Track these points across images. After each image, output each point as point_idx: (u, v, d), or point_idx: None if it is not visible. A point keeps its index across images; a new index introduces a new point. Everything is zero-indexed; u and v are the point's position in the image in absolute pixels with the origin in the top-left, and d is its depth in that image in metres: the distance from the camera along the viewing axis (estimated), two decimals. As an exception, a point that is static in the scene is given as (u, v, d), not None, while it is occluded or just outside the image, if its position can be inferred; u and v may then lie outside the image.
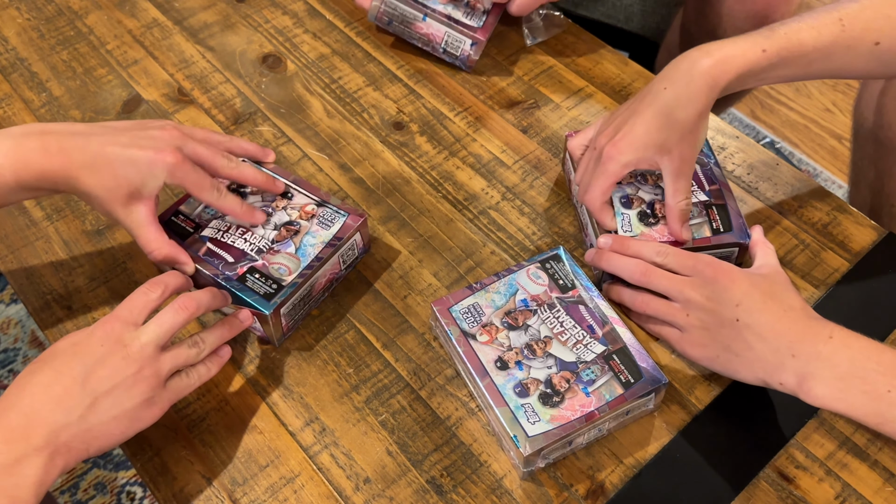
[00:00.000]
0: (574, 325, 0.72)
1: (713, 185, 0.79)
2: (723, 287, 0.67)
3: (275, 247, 0.71)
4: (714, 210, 0.77)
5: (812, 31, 0.71)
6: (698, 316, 0.68)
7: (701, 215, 0.77)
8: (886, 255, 0.81)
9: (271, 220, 0.71)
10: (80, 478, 1.33)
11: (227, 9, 1.05)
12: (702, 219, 0.77)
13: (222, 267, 0.72)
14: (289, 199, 0.73)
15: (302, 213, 0.70)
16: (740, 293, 0.67)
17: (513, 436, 0.65)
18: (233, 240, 0.72)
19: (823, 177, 1.73)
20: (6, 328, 1.51)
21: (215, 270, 0.72)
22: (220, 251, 0.73)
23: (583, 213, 0.81)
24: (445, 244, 0.83)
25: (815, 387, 0.63)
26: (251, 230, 0.72)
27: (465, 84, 0.97)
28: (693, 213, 0.76)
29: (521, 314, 0.73)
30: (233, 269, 0.72)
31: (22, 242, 0.83)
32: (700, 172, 0.80)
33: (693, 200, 0.76)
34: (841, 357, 0.62)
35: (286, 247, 0.70)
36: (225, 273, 0.72)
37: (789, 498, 0.67)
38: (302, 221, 0.70)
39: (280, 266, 0.69)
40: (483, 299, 0.74)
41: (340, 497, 0.67)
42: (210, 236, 0.73)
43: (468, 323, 0.72)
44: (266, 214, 0.74)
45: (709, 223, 0.76)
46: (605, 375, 0.69)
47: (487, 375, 0.69)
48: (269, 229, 0.71)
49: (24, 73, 0.98)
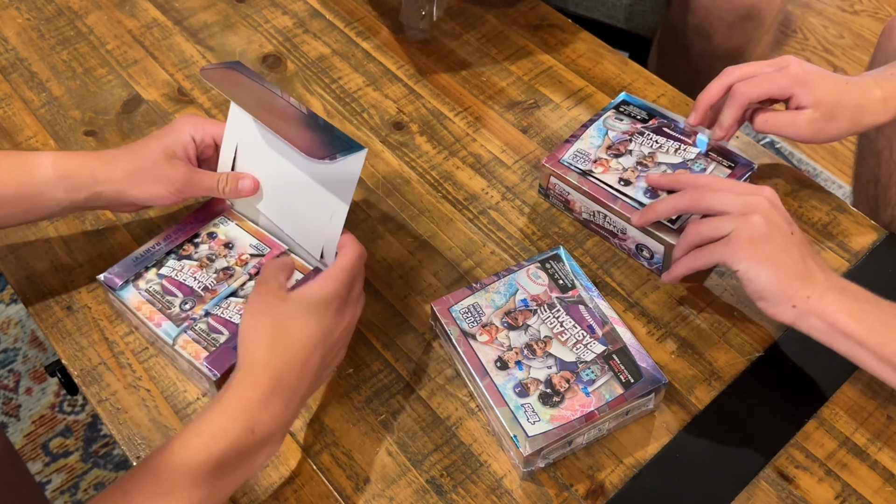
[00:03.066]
0: (574, 324, 0.72)
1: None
2: (779, 204, 0.71)
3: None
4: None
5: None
6: (757, 218, 0.69)
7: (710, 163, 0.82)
8: (886, 255, 0.81)
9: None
10: (80, 478, 1.33)
11: (227, 9, 1.05)
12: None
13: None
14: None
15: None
16: (790, 220, 0.71)
17: (513, 436, 0.65)
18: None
19: (823, 177, 1.73)
20: (6, 328, 1.51)
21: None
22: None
23: (610, 223, 0.81)
24: (445, 244, 0.83)
25: (835, 302, 0.67)
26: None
27: (465, 84, 0.97)
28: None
29: (521, 314, 0.73)
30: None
31: (22, 243, 0.83)
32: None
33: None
34: (861, 292, 0.68)
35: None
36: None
37: (789, 498, 0.67)
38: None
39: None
40: (483, 299, 0.74)
41: (340, 497, 0.67)
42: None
43: (468, 323, 0.72)
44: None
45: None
46: (604, 375, 0.69)
47: (487, 375, 0.69)
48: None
49: (24, 73, 0.98)
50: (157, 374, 0.74)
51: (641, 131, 0.84)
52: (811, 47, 1.91)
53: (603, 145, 0.83)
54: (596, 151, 0.82)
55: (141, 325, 0.74)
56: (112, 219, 0.84)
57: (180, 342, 0.71)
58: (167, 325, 0.72)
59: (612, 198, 0.78)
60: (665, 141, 0.82)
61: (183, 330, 0.71)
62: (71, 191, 0.72)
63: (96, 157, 0.73)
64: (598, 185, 0.79)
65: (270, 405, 0.59)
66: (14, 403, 1.42)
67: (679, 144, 0.82)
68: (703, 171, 0.80)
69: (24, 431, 1.38)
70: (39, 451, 1.36)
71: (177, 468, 0.56)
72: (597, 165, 0.81)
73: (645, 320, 0.77)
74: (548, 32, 1.02)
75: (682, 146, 0.82)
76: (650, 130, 0.84)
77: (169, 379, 0.74)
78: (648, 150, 0.82)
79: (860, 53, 1.88)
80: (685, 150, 0.81)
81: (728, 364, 0.74)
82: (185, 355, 0.70)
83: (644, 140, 0.83)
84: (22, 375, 1.45)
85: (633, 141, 0.83)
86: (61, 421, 1.40)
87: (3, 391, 1.43)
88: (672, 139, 0.82)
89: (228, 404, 0.59)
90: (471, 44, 1.01)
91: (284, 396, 0.60)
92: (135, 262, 0.75)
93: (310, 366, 0.62)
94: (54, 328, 0.77)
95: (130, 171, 0.72)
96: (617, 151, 0.82)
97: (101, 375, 0.74)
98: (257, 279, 0.66)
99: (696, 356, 0.75)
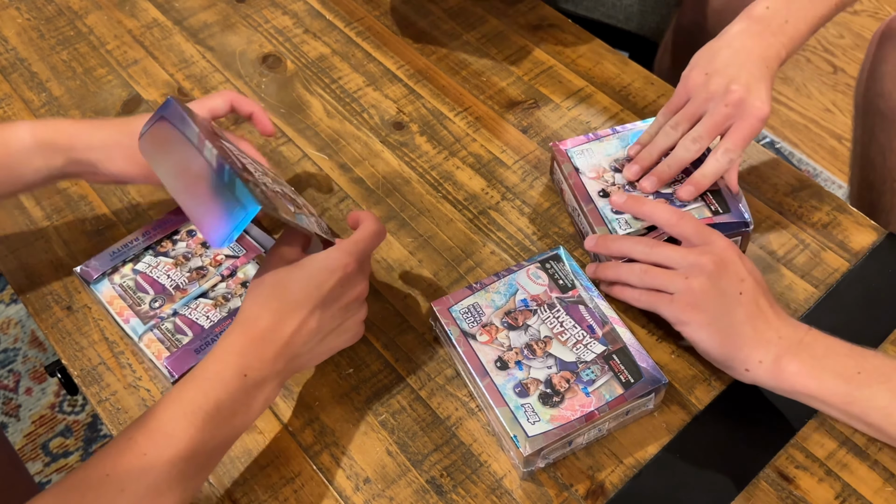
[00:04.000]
0: (574, 325, 0.72)
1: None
2: (732, 260, 0.68)
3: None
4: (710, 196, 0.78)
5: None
6: (701, 281, 0.68)
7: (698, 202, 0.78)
8: (886, 255, 0.81)
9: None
10: (80, 478, 1.33)
11: (227, 9, 1.05)
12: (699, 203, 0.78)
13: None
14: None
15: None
16: (745, 271, 0.68)
17: (513, 436, 0.65)
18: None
19: (823, 177, 1.73)
20: (6, 328, 1.51)
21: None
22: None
23: (581, 222, 0.81)
24: (445, 244, 0.83)
25: (790, 364, 0.65)
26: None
27: (465, 84, 0.97)
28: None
29: (520, 314, 0.73)
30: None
31: (22, 242, 0.83)
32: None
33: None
34: (818, 345, 0.66)
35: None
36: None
37: (789, 498, 0.67)
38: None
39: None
40: (483, 299, 0.74)
41: (340, 497, 0.67)
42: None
43: (468, 323, 0.72)
44: None
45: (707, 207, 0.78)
46: (604, 375, 0.69)
47: (487, 375, 0.69)
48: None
49: (24, 73, 0.98)
50: (157, 374, 0.74)
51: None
52: (811, 47, 1.91)
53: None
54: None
55: (111, 320, 0.75)
56: (112, 218, 0.85)
57: (145, 340, 0.72)
58: (135, 322, 0.72)
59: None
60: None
61: (149, 328, 0.72)
62: (49, 157, 0.72)
63: (76, 123, 0.74)
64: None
65: (260, 350, 0.61)
66: (14, 403, 1.42)
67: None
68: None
69: (24, 431, 1.38)
70: (39, 451, 1.36)
71: (176, 412, 0.58)
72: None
73: (645, 320, 0.77)
74: (548, 32, 1.02)
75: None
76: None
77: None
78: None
79: (860, 53, 1.88)
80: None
81: (728, 364, 0.74)
82: (147, 353, 0.71)
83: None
84: (22, 375, 1.45)
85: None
86: (61, 421, 1.40)
87: (3, 391, 1.43)
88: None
89: (220, 350, 0.61)
90: (471, 44, 1.01)
91: (275, 346, 0.62)
92: (111, 256, 0.76)
93: (307, 327, 0.63)
94: (54, 328, 0.77)
95: (107, 143, 0.73)
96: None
97: (101, 375, 0.74)
98: (272, 245, 0.67)
99: (696, 356, 0.74)
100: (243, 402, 0.61)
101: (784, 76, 1.87)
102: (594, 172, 0.81)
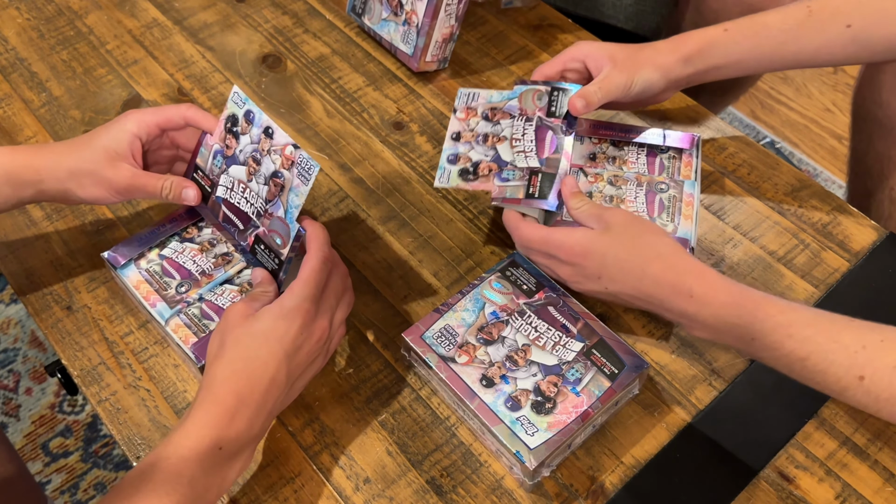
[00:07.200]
0: (548, 327, 0.71)
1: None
2: (581, 266, 0.70)
3: (269, 209, 0.71)
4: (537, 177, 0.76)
5: (777, 15, 0.78)
6: (574, 285, 0.72)
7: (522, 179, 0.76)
8: (886, 255, 0.81)
9: (261, 172, 0.71)
10: (80, 478, 1.33)
11: (227, 9, 1.05)
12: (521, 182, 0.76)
13: (237, 236, 0.74)
14: (270, 137, 0.72)
15: (283, 159, 0.71)
16: (597, 266, 0.69)
17: (515, 451, 0.65)
18: (237, 199, 0.74)
19: (823, 177, 1.73)
20: (6, 328, 1.51)
21: (234, 240, 0.75)
22: (232, 215, 0.74)
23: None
24: (445, 244, 0.83)
25: (694, 330, 0.67)
26: (248, 186, 0.73)
27: (465, 84, 0.96)
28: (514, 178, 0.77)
29: (494, 327, 0.72)
30: (244, 238, 0.74)
31: (22, 242, 0.83)
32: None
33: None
34: (705, 315, 0.65)
35: (276, 209, 0.71)
36: (240, 243, 0.74)
37: (789, 498, 0.67)
38: (285, 172, 0.70)
39: (275, 235, 0.70)
40: (453, 320, 0.72)
41: (340, 497, 0.67)
42: (223, 197, 0.75)
43: (444, 347, 0.71)
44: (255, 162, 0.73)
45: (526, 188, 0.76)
46: (589, 372, 0.68)
47: (476, 396, 0.68)
48: (260, 184, 0.72)
49: (24, 73, 0.98)
50: (157, 374, 0.74)
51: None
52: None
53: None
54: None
55: (138, 305, 0.75)
56: (112, 218, 0.85)
57: (172, 325, 0.72)
58: (161, 306, 0.73)
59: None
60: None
61: (176, 313, 0.73)
62: (17, 189, 0.72)
63: (42, 155, 0.73)
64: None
65: (234, 423, 0.60)
66: (14, 403, 1.42)
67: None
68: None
69: (24, 431, 1.38)
70: (39, 451, 1.36)
71: (150, 496, 0.56)
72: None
73: (645, 320, 0.77)
74: (548, 32, 1.02)
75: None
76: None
77: (169, 379, 0.74)
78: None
79: (860, 53, 1.88)
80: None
81: (728, 364, 0.74)
82: (174, 338, 0.71)
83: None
84: (22, 375, 1.45)
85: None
86: (61, 421, 1.40)
87: (3, 391, 1.43)
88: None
89: (192, 425, 0.59)
90: (471, 44, 1.01)
91: (249, 413, 0.60)
92: (139, 241, 0.76)
93: (276, 382, 0.62)
94: (54, 328, 0.77)
95: (74, 172, 0.72)
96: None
97: (101, 375, 0.74)
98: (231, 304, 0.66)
99: (696, 356, 0.74)
100: (219, 474, 0.60)
101: (784, 76, 1.87)
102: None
